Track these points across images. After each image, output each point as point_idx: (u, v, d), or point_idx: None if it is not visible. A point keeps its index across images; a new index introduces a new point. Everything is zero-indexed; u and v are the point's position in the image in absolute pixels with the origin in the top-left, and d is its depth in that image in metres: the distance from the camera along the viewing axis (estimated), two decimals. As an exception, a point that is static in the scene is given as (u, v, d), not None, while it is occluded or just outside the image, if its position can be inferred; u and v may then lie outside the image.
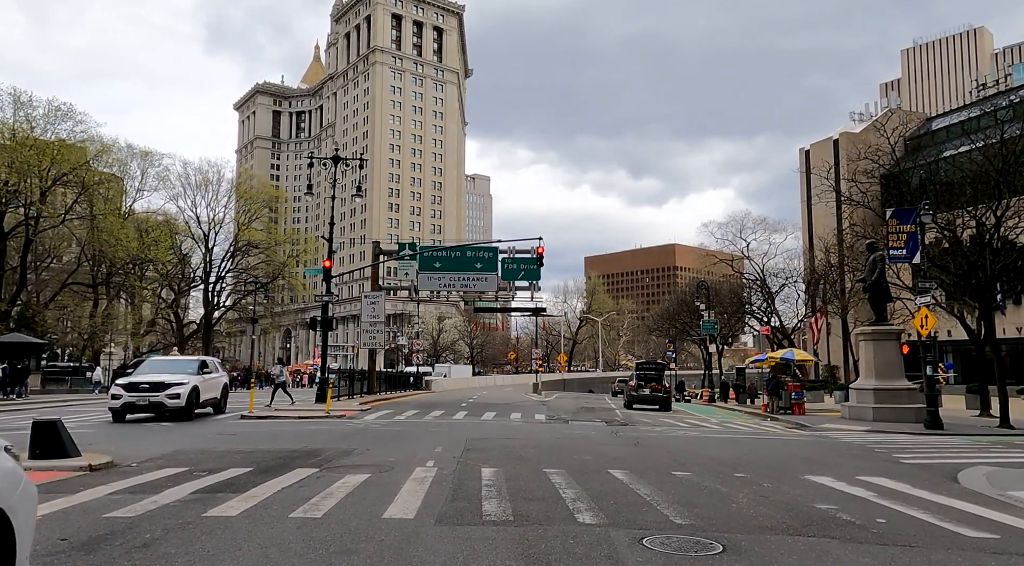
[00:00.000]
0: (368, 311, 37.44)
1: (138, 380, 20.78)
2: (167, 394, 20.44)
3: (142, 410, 20.42)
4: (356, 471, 10.65)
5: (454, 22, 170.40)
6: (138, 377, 21.30)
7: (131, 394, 20.14)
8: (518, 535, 6.64)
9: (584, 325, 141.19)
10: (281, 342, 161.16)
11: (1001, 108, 31.64)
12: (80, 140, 52.23)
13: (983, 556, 6.18)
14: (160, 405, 20.30)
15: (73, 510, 7.61)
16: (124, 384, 20.63)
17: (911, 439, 19.02)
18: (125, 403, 20.06)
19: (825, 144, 71.74)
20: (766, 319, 58.51)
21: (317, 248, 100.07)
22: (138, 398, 20.15)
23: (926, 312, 22.40)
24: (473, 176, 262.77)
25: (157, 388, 20.45)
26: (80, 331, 60.69)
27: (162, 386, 20.54)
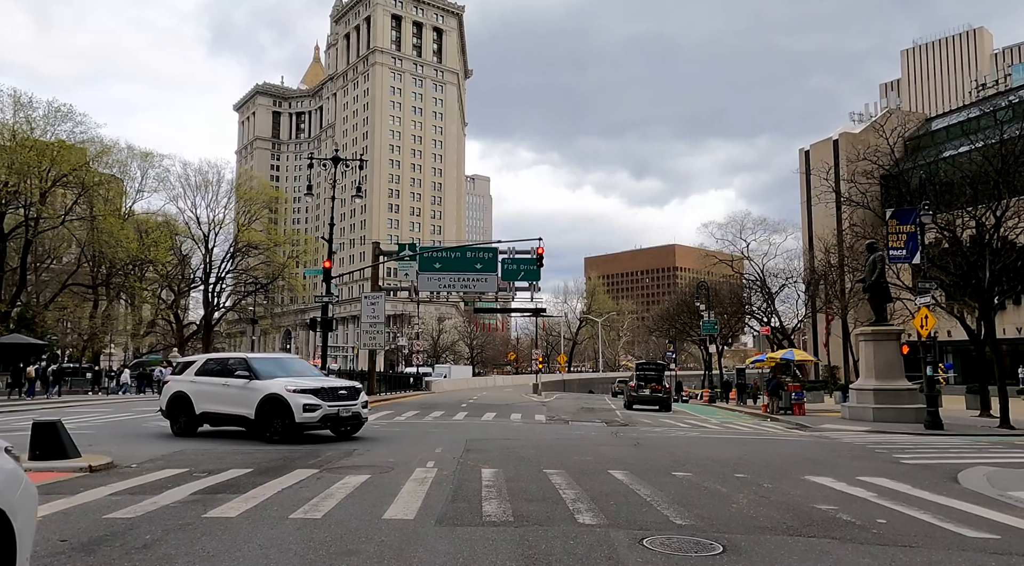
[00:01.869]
0: (368, 312, 37.45)
1: (328, 385, 15.76)
2: (360, 403, 16.09)
3: (343, 424, 15.73)
4: (356, 472, 10.64)
5: (454, 23, 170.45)
6: (316, 381, 15.97)
7: (332, 404, 15.15)
8: (518, 536, 6.64)
9: (584, 326, 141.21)
10: (281, 343, 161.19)
11: (1001, 108, 31.67)
12: (80, 141, 52.28)
13: (983, 556, 6.18)
14: (357, 417, 15.92)
15: (73, 511, 7.60)
16: (313, 389, 15.20)
17: (911, 439, 19.01)
18: (326, 415, 15.04)
19: (825, 145, 71.80)
20: (766, 319, 58.52)
21: (317, 249, 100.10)
22: (341, 408, 15.39)
23: (926, 312, 22.39)
24: (473, 177, 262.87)
25: (352, 395, 16.00)
26: (80, 332, 60.71)
27: (354, 392, 16.18)
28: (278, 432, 14.79)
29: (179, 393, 16.52)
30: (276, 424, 14.82)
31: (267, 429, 14.95)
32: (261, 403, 15.01)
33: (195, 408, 16.09)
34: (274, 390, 15.05)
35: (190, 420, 16.22)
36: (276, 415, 14.83)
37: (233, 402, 15.51)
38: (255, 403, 15.07)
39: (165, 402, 16.90)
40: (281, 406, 14.80)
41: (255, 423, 15.18)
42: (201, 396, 16.07)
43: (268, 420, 14.95)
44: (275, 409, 14.87)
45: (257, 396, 15.11)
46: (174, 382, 17.08)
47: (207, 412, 16.05)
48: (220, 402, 15.78)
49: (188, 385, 16.45)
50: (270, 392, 15.02)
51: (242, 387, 15.45)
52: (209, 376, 16.35)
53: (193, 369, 16.99)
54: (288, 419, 14.71)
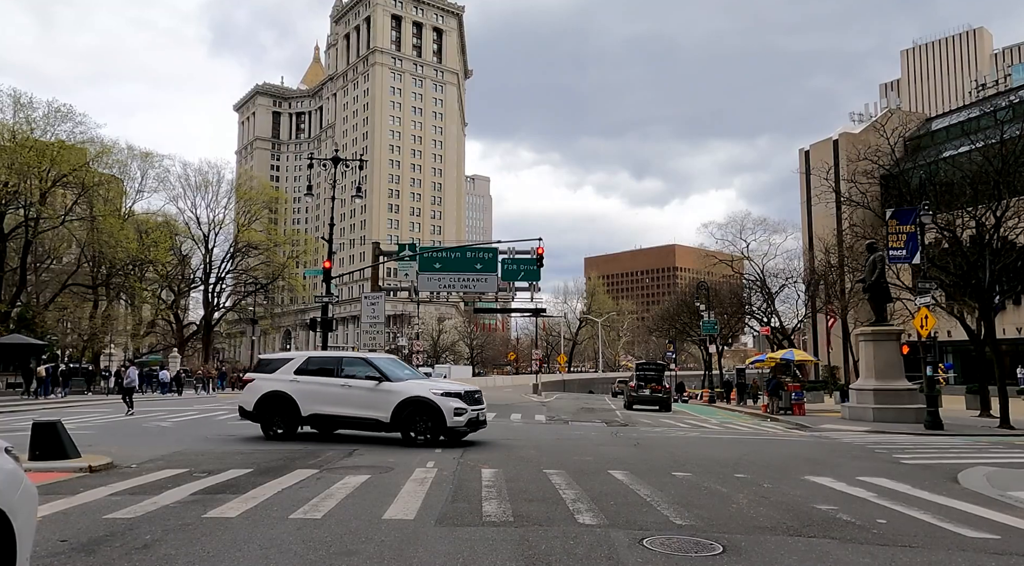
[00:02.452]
0: (368, 312, 37.42)
1: (465, 389, 15.55)
2: (485, 406, 15.94)
3: (477, 427, 15.50)
4: (356, 472, 10.65)
5: (454, 23, 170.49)
6: (452, 385, 16.04)
7: (472, 407, 15.06)
8: (518, 536, 6.64)
9: (584, 326, 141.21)
10: (281, 343, 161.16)
11: (1001, 108, 31.69)
12: (80, 141, 52.29)
13: (983, 556, 6.18)
14: (485, 421, 15.91)
15: (73, 511, 7.61)
16: (455, 392, 15.09)
17: (911, 439, 19.00)
18: (470, 419, 14.96)
19: (825, 145, 71.77)
20: (766, 319, 58.50)
21: (317, 249, 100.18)
22: (480, 412, 15.34)
23: (926, 312, 22.39)
24: (473, 177, 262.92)
25: (481, 398, 15.77)
26: (80, 332, 60.72)
27: (481, 395, 15.93)
28: (423, 435, 14.61)
29: (276, 393, 15.26)
30: (420, 427, 14.65)
31: (408, 432, 14.71)
32: (400, 406, 14.67)
33: (300, 410, 15.14)
34: (417, 393, 14.85)
35: (291, 422, 15.25)
36: (420, 419, 14.64)
37: (360, 404, 14.94)
38: (392, 406, 14.69)
39: (253, 403, 15.50)
40: (428, 409, 14.63)
41: (390, 426, 14.81)
42: (310, 397, 15.12)
43: (409, 423, 14.69)
44: (419, 412, 14.65)
45: (395, 399, 14.74)
46: (263, 381, 15.64)
47: (319, 414, 15.16)
48: (340, 404, 15.02)
49: (288, 385, 15.26)
50: (412, 395, 14.79)
51: (372, 389, 14.90)
52: (315, 376, 15.38)
53: (290, 368, 15.64)
54: (437, 423, 14.58)
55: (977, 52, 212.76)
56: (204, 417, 24.70)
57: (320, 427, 15.65)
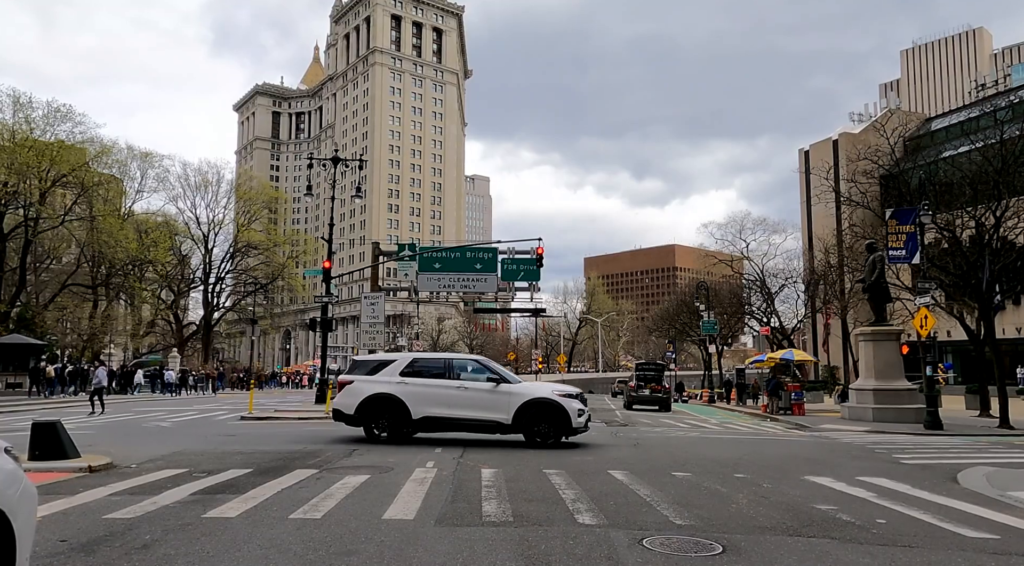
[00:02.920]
0: (368, 312, 37.36)
1: (576, 391, 16.04)
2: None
3: (586, 428, 15.84)
4: (356, 472, 10.64)
5: (453, 23, 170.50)
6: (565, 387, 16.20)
7: (585, 408, 15.59)
8: (518, 536, 6.64)
9: (584, 326, 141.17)
10: (281, 343, 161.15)
11: (1000, 109, 31.67)
12: (79, 141, 52.31)
13: (983, 556, 6.18)
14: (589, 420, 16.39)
15: (73, 511, 7.60)
16: (572, 394, 15.53)
17: (911, 439, 19.01)
18: (587, 419, 15.63)
19: (825, 145, 71.76)
20: (766, 320, 58.51)
21: (317, 249, 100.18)
22: (588, 413, 15.87)
23: (926, 312, 22.40)
24: (473, 177, 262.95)
25: (585, 399, 16.24)
26: (80, 332, 60.72)
27: (585, 398, 16.33)
28: (546, 436, 14.82)
29: (382, 395, 14.92)
30: (543, 428, 14.84)
31: (531, 433, 14.88)
32: (523, 408, 14.75)
33: (411, 412, 14.85)
34: (540, 395, 15.11)
35: (399, 425, 15.02)
36: (543, 420, 14.82)
37: (478, 406, 14.90)
38: (514, 408, 14.75)
39: (356, 405, 15.04)
40: (552, 411, 14.84)
41: (511, 428, 14.86)
42: (421, 399, 14.87)
43: (532, 424, 14.83)
44: (542, 414, 14.83)
45: (516, 401, 14.80)
46: (364, 383, 15.20)
47: (433, 416, 14.92)
48: (455, 406, 14.92)
49: (395, 387, 14.95)
50: (536, 397, 14.98)
51: (491, 391, 14.92)
52: (424, 377, 15.15)
53: (394, 369, 15.30)
54: (561, 423, 14.82)
55: (977, 52, 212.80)
56: (204, 417, 24.70)
57: (432, 429, 15.35)
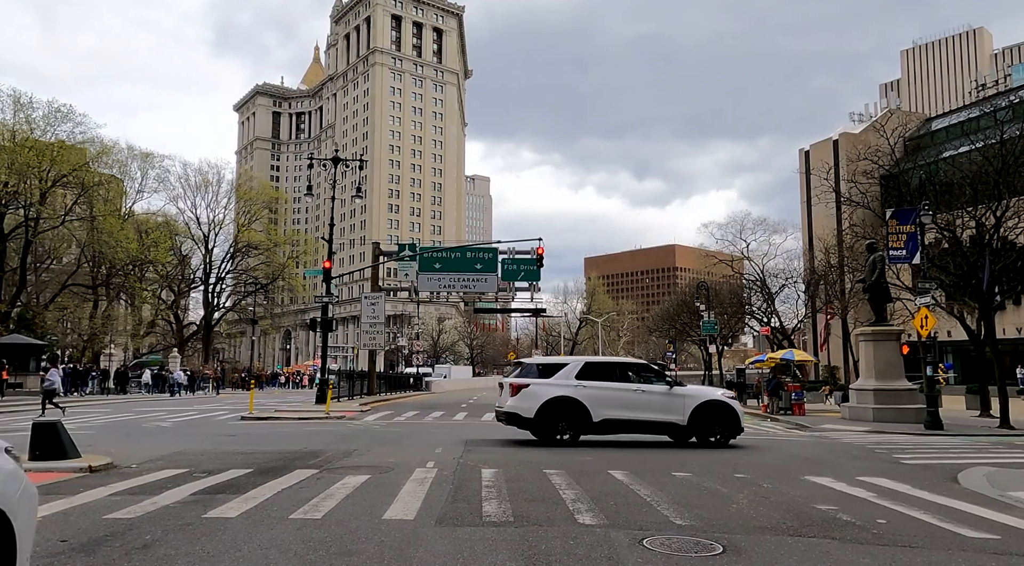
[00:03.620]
0: (368, 312, 37.44)
1: (732, 393, 16.74)
2: None
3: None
4: (356, 472, 10.65)
5: (454, 23, 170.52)
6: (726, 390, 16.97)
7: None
8: (518, 536, 6.64)
9: (584, 326, 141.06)
10: (281, 343, 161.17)
11: (1001, 108, 31.64)
12: (80, 141, 52.33)
13: (983, 556, 6.18)
14: None
15: (73, 511, 7.61)
16: (734, 396, 16.21)
17: (911, 440, 18.99)
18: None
19: (825, 145, 71.73)
20: (766, 320, 58.48)
21: (317, 249, 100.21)
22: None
23: (926, 312, 22.39)
24: (473, 177, 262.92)
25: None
26: (80, 332, 60.74)
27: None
28: (717, 436, 15.29)
29: (563, 398, 15.02)
30: (716, 429, 15.31)
31: (704, 434, 15.26)
32: (698, 409, 15.15)
33: (592, 415, 14.98)
34: (713, 397, 15.64)
35: (580, 427, 15.10)
36: (717, 421, 15.28)
37: (655, 409, 15.26)
38: (689, 410, 15.13)
39: (536, 409, 14.99)
40: (724, 412, 15.37)
41: (686, 429, 15.24)
42: (600, 402, 15.04)
43: (706, 426, 15.23)
44: (715, 415, 15.27)
45: (691, 403, 15.20)
46: (542, 386, 15.26)
47: (612, 419, 15.12)
48: (632, 409, 15.20)
49: (574, 390, 15.09)
50: (709, 399, 15.47)
51: (667, 394, 15.28)
52: (599, 380, 15.33)
53: (569, 372, 15.44)
54: (732, 424, 15.41)
55: (977, 52, 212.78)
56: (204, 417, 24.71)
57: (609, 432, 15.51)
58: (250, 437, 16.81)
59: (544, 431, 15.12)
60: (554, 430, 15.08)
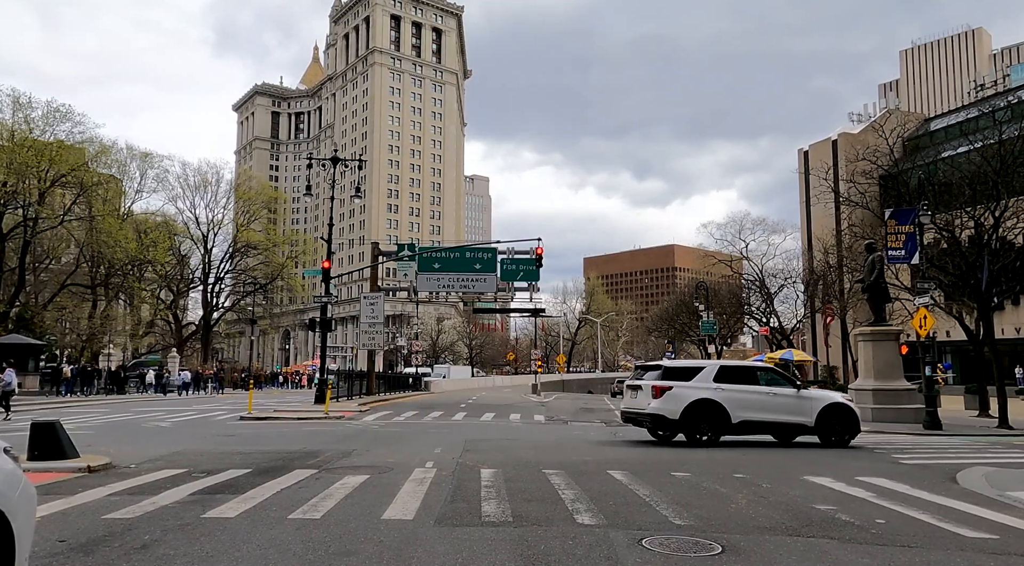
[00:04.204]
0: (367, 312, 37.40)
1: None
2: None
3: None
4: (355, 472, 10.64)
5: (453, 23, 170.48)
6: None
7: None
8: (517, 536, 6.64)
9: (583, 326, 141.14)
10: (280, 343, 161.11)
11: (999, 109, 31.61)
12: (79, 141, 52.29)
13: (982, 556, 6.18)
14: None
15: (72, 511, 7.60)
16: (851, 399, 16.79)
17: (910, 439, 19.00)
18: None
19: (824, 145, 71.73)
20: (765, 320, 58.51)
21: (316, 249, 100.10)
22: None
23: (925, 313, 22.40)
24: (472, 177, 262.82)
25: None
26: (79, 332, 60.67)
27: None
28: (839, 437, 16.00)
29: (705, 401, 15.50)
30: (839, 429, 16.05)
31: (828, 434, 15.96)
32: (824, 411, 15.94)
33: (731, 416, 15.55)
34: (837, 400, 16.49)
35: (719, 429, 15.65)
36: (839, 422, 16.03)
37: (786, 410, 15.93)
38: (816, 411, 15.91)
39: (680, 411, 15.47)
40: (847, 414, 16.15)
41: (813, 430, 15.97)
42: (738, 404, 15.62)
43: (830, 426, 15.97)
44: (838, 416, 16.03)
45: (817, 405, 16.00)
46: (685, 389, 15.74)
47: (748, 420, 15.75)
48: (765, 410, 15.83)
49: (714, 392, 15.63)
50: (833, 401, 16.30)
51: (796, 396, 16.01)
52: (735, 384, 15.91)
53: (707, 376, 15.94)
54: (851, 425, 16.16)
55: (976, 53, 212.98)
56: (203, 417, 24.70)
57: (744, 432, 16.17)
58: (249, 437, 16.80)
59: (689, 432, 15.66)
60: (697, 431, 15.63)
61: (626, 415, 16.98)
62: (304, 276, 64.36)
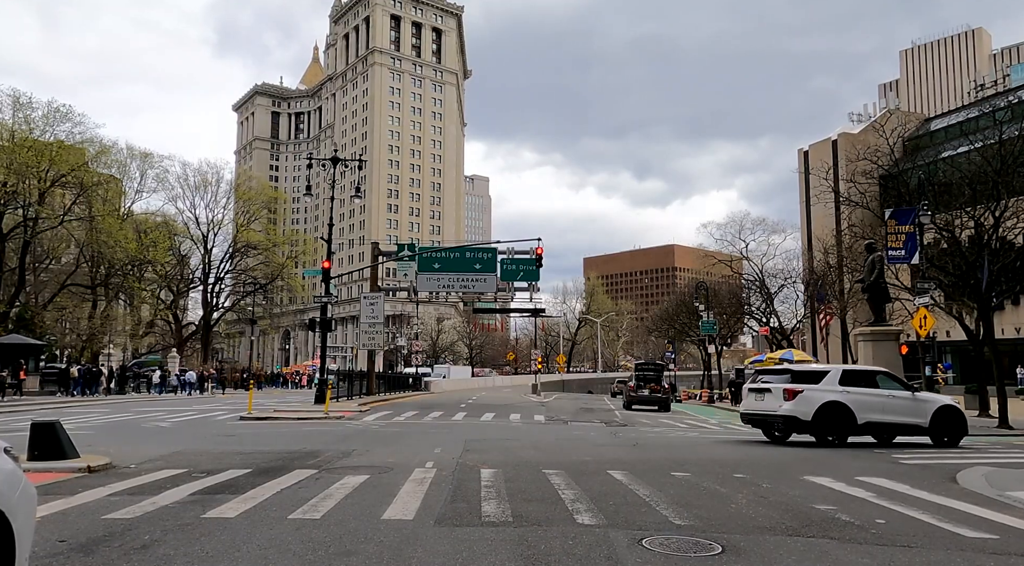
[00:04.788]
0: (367, 312, 37.41)
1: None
2: None
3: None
4: (355, 472, 10.64)
5: (453, 23, 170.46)
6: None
7: None
8: (517, 536, 6.64)
9: (583, 326, 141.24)
10: (280, 343, 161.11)
11: (999, 109, 31.59)
12: (79, 141, 52.32)
13: (982, 556, 6.18)
14: None
15: (72, 511, 7.60)
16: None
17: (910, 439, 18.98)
18: None
19: (824, 145, 71.71)
20: (765, 320, 58.51)
21: (316, 249, 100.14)
22: None
23: (925, 312, 22.42)
24: (472, 177, 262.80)
25: None
26: (79, 332, 60.67)
27: None
28: (951, 437, 16.64)
29: (835, 403, 16.14)
30: (949, 430, 16.70)
31: (940, 435, 16.62)
32: (937, 413, 16.61)
33: (856, 418, 16.17)
34: (947, 402, 17.15)
35: (845, 429, 16.25)
36: (950, 423, 16.75)
37: (903, 412, 16.58)
38: (929, 413, 16.58)
39: (813, 412, 16.06)
40: (957, 416, 16.89)
41: (927, 431, 16.61)
42: (863, 406, 16.23)
43: (943, 428, 16.64)
44: (950, 418, 16.76)
45: (931, 407, 16.68)
46: (815, 392, 16.38)
47: (871, 421, 16.40)
48: (885, 412, 16.47)
49: (841, 395, 16.25)
50: (944, 404, 16.96)
51: (912, 399, 16.72)
52: (857, 387, 16.53)
53: (832, 379, 16.57)
54: (961, 426, 16.86)
55: (976, 52, 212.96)
56: (203, 417, 24.70)
57: (866, 433, 16.79)
58: (249, 437, 16.80)
59: (820, 432, 16.21)
60: (828, 431, 16.20)
61: (749, 417, 17.79)
62: (304, 276, 64.37)
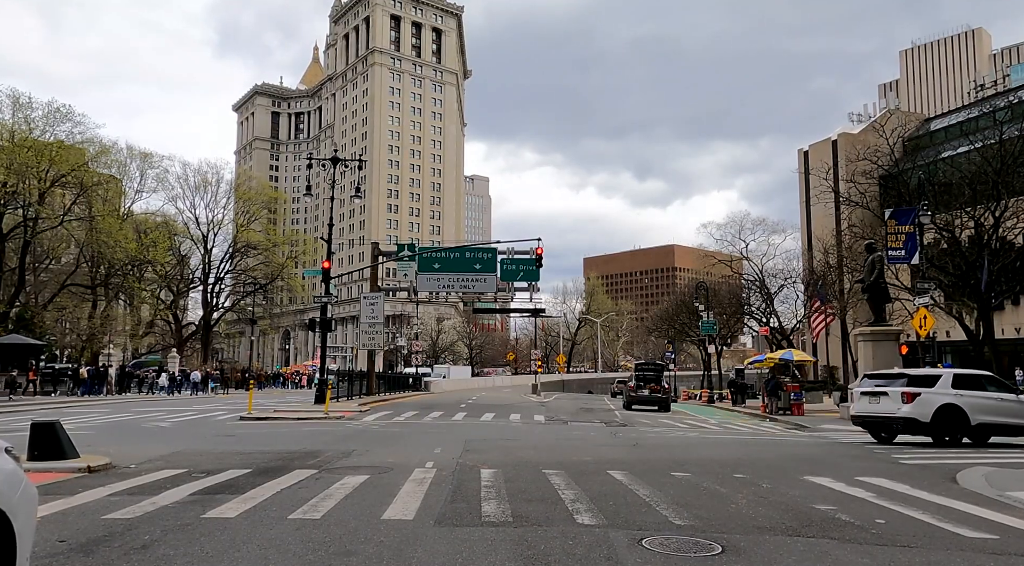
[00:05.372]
0: (367, 312, 37.40)
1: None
2: None
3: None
4: (355, 472, 10.64)
5: (453, 23, 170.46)
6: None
7: None
8: (517, 536, 6.64)
9: (583, 326, 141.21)
10: (280, 343, 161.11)
11: (999, 109, 31.63)
12: (79, 141, 52.32)
13: (982, 556, 6.18)
14: None
15: (72, 511, 7.60)
16: None
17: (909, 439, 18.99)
18: None
19: (824, 145, 71.71)
20: (765, 320, 58.53)
21: (316, 249, 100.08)
22: None
23: (925, 313, 22.42)
24: (472, 177, 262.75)
25: None
26: (79, 332, 60.68)
27: None
28: None
29: (951, 405, 16.68)
30: None
31: None
32: None
33: (970, 419, 16.71)
34: None
35: (957, 430, 16.78)
36: None
37: (1011, 414, 17.18)
38: None
39: (931, 414, 16.61)
40: None
41: None
42: (976, 408, 16.83)
43: None
44: None
45: None
46: (932, 395, 16.90)
47: (983, 423, 16.92)
48: (995, 414, 17.08)
49: (955, 397, 16.81)
50: None
51: (1017, 401, 17.38)
52: (968, 390, 17.09)
53: (946, 382, 17.18)
54: None
55: (976, 53, 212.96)
56: (203, 417, 24.70)
57: (977, 434, 17.17)
58: (249, 437, 16.80)
59: (938, 433, 16.74)
60: (945, 432, 16.74)
61: (862, 419, 18.34)
62: (304, 276, 64.31)
